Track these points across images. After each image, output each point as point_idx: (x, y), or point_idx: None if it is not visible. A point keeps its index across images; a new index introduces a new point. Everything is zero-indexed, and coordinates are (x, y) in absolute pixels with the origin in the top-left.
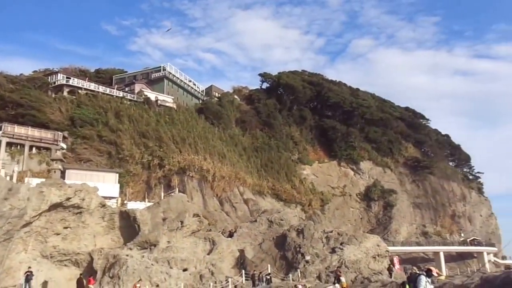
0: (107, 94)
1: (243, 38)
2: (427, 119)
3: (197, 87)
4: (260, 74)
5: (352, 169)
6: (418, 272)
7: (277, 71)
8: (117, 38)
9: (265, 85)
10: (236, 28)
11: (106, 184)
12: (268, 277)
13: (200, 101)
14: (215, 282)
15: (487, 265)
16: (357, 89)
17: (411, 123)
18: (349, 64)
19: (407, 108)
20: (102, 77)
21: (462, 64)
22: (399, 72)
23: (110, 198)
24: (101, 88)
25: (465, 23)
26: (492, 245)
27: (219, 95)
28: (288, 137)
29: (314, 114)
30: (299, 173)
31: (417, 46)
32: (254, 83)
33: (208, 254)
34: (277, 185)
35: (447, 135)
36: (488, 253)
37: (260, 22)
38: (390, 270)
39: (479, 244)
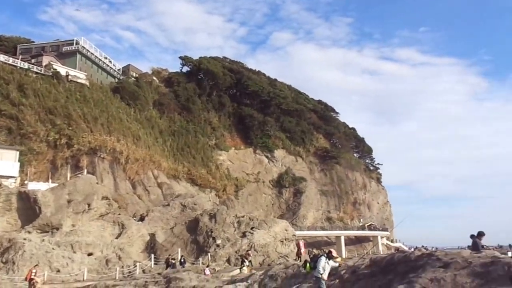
0: (10, 64)
1: (165, 19)
2: (337, 113)
3: (114, 65)
4: (181, 57)
5: (267, 157)
6: (319, 253)
7: (198, 56)
8: (26, 5)
9: (185, 69)
10: (158, 8)
11: (4, 162)
12: (183, 260)
13: (116, 80)
14: (122, 267)
15: (380, 248)
16: (275, 80)
17: (323, 115)
18: (269, 55)
19: (319, 101)
20: (5, 45)
21: (369, 64)
22: (314, 66)
23: (8, 177)
24: (2, 57)
25: (375, 26)
26: (386, 229)
27: (137, 75)
28: (206, 122)
29: (233, 101)
30: (216, 158)
31: (331, 43)
32: (174, 67)
33: (117, 238)
34: (192, 169)
35: (353, 128)
36: (382, 237)
37: (184, 4)
38: (299, 254)
39: (375, 229)
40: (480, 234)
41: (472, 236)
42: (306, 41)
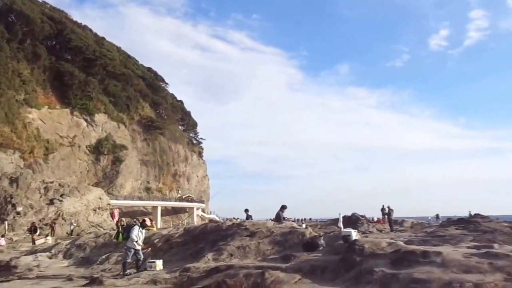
0: None
1: None
2: (166, 83)
3: None
4: None
5: (86, 120)
6: (132, 223)
7: None
8: None
9: None
10: None
11: None
12: None
13: None
14: None
15: (195, 219)
16: (103, 39)
17: (151, 84)
18: (98, 11)
19: (149, 69)
20: None
21: (202, 40)
22: (147, 32)
23: None
24: None
25: (211, 4)
26: (202, 202)
27: None
28: (15, 73)
29: (51, 54)
30: (24, 116)
31: (167, 12)
32: None
33: None
34: None
35: (181, 101)
36: (197, 208)
37: None
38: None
39: (192, 200)
40: (283, 208)
41: (246, 211)
42: (140, 4)
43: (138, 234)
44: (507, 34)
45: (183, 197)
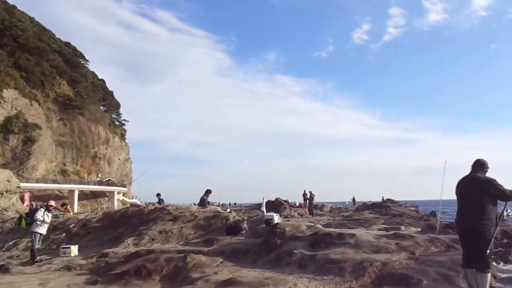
0: None
1: None
2: (87, 60)
3: None
4: None
5: None
6: (36, 207)
7: None
8: None
9: None
10: None
11: None
12: None
13: None
14: None
15: (116, 203)
16: (14, 7)
17: (70, 60)
18: None
19: (68, 44)
20: None
21: (127, 17)
22: (65, 4)
23: None
24: None
25: None
26: (124, 185)
27: None
28: None
29: None
30: None
31: None
32: None
33: None
34: None
35: (103, 80)
36: (118, 193)
37: None
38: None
39: (113, 184)
40: (208, 192)
41: (157, 195)
42: None
43: (43, 216)
44: (420, 33)
45: (103, 180)
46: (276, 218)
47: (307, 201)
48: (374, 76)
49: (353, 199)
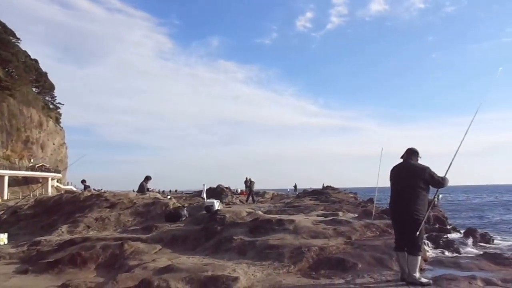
0: None
1: None
2: (18, 39)
3: None
4: None
5: None
6: None
7: None
8: None
9: None
10: None
11: None
12: None
13: None
14: None
15: (50, 190)
16: None
17: (0, 38)
18: None
19: None
20: None
21: None
22: None
23: None
24: None
25: None
26: (58, 171)
27: None
28: None
29: None
30: None
31: None
32: None
33: None
34: None
35: (36, 60)
36: (52, 179)
37: None
38: None
39: (46, 170)
40: (147, 178)
41: (83, 181)
42: None
43: None
44: (362, 23)
45: (36, 166)
46: (217, 205)
47: (248, 188)
48: (317, 65)
49: (295, 186)
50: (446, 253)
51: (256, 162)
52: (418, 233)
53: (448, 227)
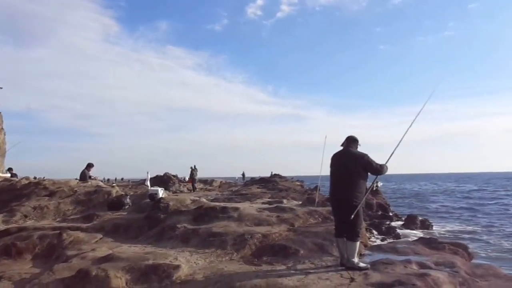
0: None
1: None
2: None
3: None
4: None
5: None
6: None
7: None
8: None
9: None
10: None
11: None
12: None
13: None
14: None
15: None
16: None
17: None
18: None
19: None
20: None
21: None
22: None
23: None
24: None
25: None
26: None
27: None
28: None
29: None
30: None
31: None
32: None
33: None
34: None
35: None
36: None
37: None
38: None
39: None
40: (89, 166)
41: (9, 169)
42: None
43: None
44: (312, 12)
45: None
46: (161, 193)
47: (191, 175)
48: (267, 53)
49: (243, 174)
50: (388, 239)
51: (204, 150)
52: (356, 219)
53: (391, 214)
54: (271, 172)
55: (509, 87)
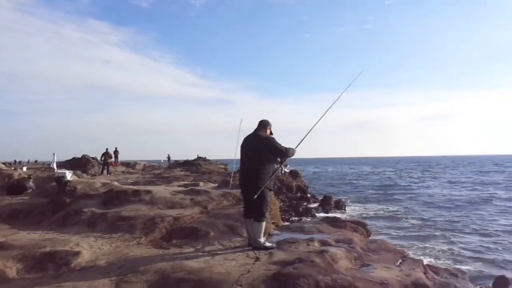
0: None
1: None
2: None
3: None
4: None
5: None
6: None
7: None
8: None
9: None
10: None
11: None
12: None
13: None
14: None
15: None
16: None
17: None
18: None
19: None
20: None
21: None
22: None
23: None
24: None
25: None
26: None
27: None
28: None
29: None
30: None
31: None
32: None
33: None
34: None
35: None
36: None
37: None
38: None
39: None
40: None
41: None
42: None
43: None
44: None
45: None
46: (68, 176)
47: (116, 158)
48: (196, 33)
49: (168, 157)
50: (305, 218)
51: (128, 132)
52: (261, 199)
53: (308, 195)
54: (197, 155)
55: (416, 80)
